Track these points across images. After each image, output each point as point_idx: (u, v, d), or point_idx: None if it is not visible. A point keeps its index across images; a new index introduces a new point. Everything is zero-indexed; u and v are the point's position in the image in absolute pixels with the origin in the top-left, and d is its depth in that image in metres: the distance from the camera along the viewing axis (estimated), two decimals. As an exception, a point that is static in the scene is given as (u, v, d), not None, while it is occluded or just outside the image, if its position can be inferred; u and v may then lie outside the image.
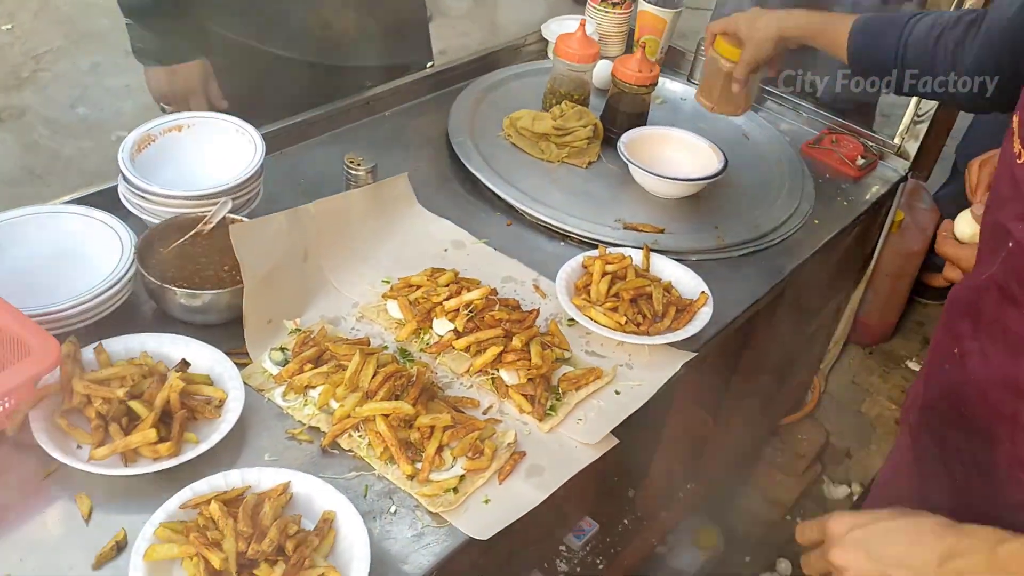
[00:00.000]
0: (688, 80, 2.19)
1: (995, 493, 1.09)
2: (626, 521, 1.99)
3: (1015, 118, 1.04)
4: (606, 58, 2.07)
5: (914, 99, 1.96)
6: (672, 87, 2.14)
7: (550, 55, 2.11)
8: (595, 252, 1.54)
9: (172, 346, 1.28)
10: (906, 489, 1.29)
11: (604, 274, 1.48)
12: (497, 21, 4.24)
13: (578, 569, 1.88)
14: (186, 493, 1.08)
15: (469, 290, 1.41)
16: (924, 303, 2.90)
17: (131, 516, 1.09)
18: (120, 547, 1.06)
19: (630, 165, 1.75)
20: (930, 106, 1.93)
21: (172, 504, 1.07)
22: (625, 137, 1.80)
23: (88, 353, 1.23)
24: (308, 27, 1.94)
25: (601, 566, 1.90)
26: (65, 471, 1.13)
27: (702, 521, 2.43)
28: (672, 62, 2.26)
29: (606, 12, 2.19)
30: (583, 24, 1.90)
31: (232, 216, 1.42)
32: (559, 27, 2.12)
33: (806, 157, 1.99)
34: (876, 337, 2.41)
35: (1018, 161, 1.01)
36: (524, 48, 2.26)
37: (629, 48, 2.26)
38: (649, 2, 2.12)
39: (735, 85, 1.73)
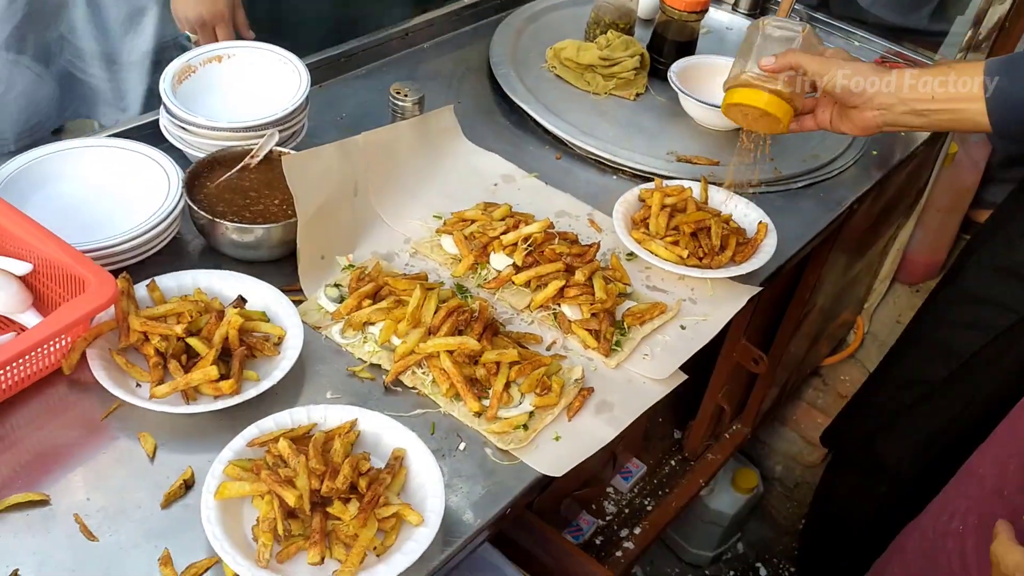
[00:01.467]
0: (733, 9, 2.11)
1: None
2: (673, 462, 1.97)
3: None
4: (651, -16, 1.99)
5: (968, 22, 1.89)
6: (718, 16, 2.07)
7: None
8: (651, 185, 1.49)
9: (225, 283, 1.23)
10: None
11: (663, 207, 1.43)
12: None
13: (626, 510, 1.86)
14: (252, 431, 1.05)
15: (526, 223, 1.37)
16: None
17: (195, 455, 1.06)
18: (188, 485, 1.03)
19: (682, 95, 1.69)
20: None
21: (239, 442, 1.03)
22: (676, 66, 1.74)
23: (140, 291, 1.19)
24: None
25: (649, 507, 1.87)
26: (125, 410, 1.09)
27: (741, 462, 2.41)
28: (717, -10, 2.18)
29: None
30: (629, -51, 1.82)
31: (279, 149, 1.37)
32: (601, -46, 2.04)
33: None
34: (923, 275, 2.35)
35: None
36: (565, -25, 2.17)
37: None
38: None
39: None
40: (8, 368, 1.05)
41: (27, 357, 1.07)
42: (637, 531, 1.83)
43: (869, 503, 1.91)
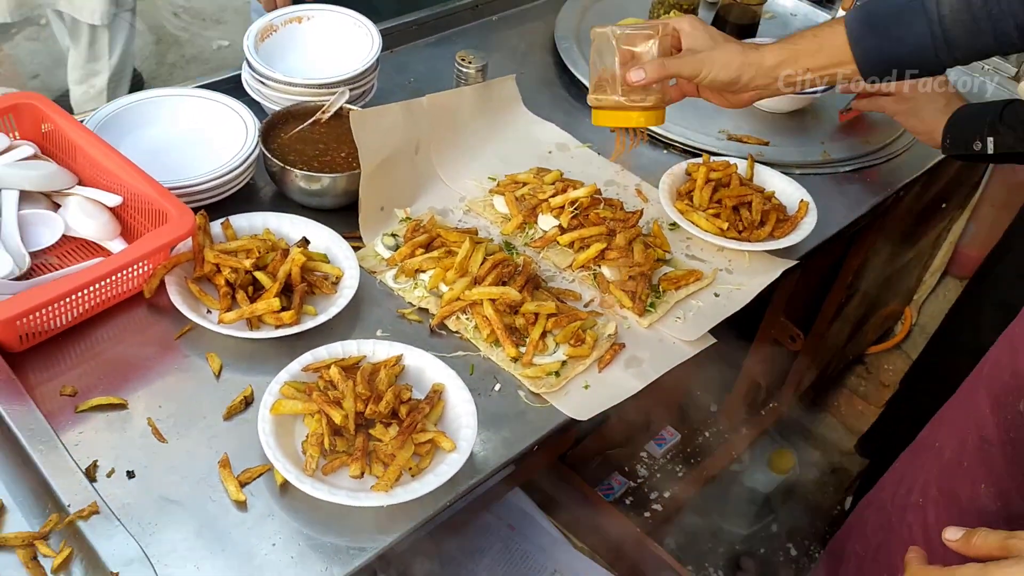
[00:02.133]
0: (799, -5, 2.14)
1: None
2: (707, 434, 2.03)
3: None
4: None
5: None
6: (783, 1, 2.10)
7: (660, -36, 2.08)
8: (699, 160, 1.55)
9: (292, 225, 1.34)
10: (996, 477, 1.18)
11: (708, 181, 1.50)
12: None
13: (657, 475, 1.93)
14: (307, 357, 1.15)
15: (574, 189, 1.44)
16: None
17: (256, 376, 1.17)
18: (248, 402, 1.14)
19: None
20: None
21: (295, 366, 1.14)
22: None
23: (215, 228, 1.30)
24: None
25: (680, 474, 1.94)
26: (196, 332, 1.21)
27: (779, 443, 2.46)
28: (784, -23, 2.21)
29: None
30: (697, -69, 1.87)
31: (348, 106, 1.47)
32: (671, -64, 2.09)
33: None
34: (975, 269, 2.35)
35: None
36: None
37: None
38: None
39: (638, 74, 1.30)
40: (96, 287, 1.17)
41: (113, 278, 1.19)
42: (667, 495, 1.90)
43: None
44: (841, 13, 2.01)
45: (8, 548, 0.96)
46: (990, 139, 1.35)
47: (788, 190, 1.53)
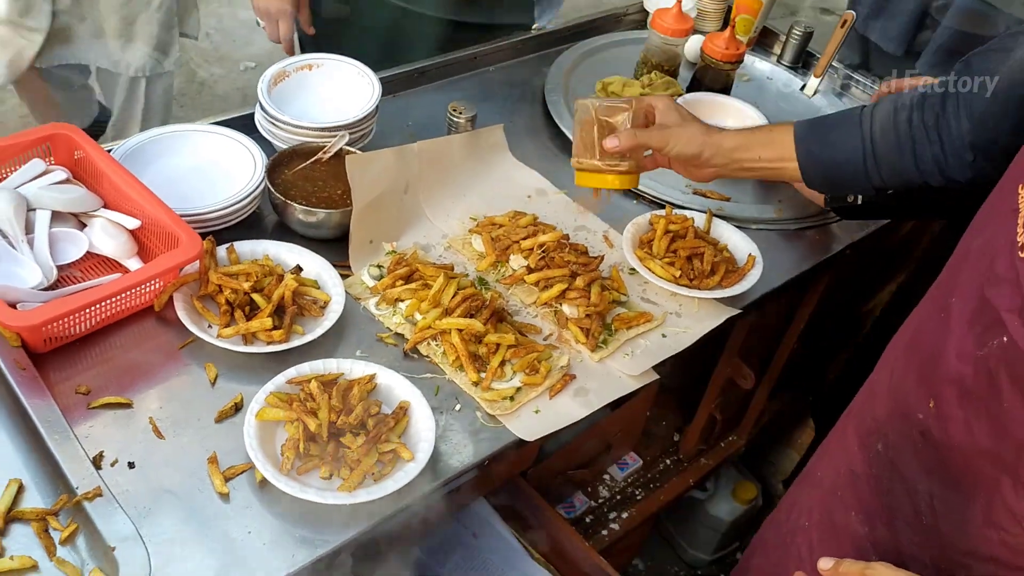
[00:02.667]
0: (778, 61, 2.31)
1: (964, 541, 1.11)
2: (668, 462, 2.18)
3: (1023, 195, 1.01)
4: (700, 32, 2.21)
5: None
6: (761, 66, 2.27)
7: (647, 27, 2.25)
8: (662, 212, 1.71)
9: (288, 253, 1.51)
10: (864, 506, 1.29)
11: (667, 232, 1.66)
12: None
13: (617, 496, 2.08)
14: (291, 372, 1.32)
15: (544, 233, 1.61)
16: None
17: (246, 385, 1.34)
18: (237, 408, 1.31)
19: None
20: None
21: (281, 379, 1.31)
22: (682, 100, 1.95)
23: (221, 252, 1.48)
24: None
25: (639, 497, 2.09)
26: (197, 344, 1.38)
27: (743, 475, 2.60)
28: (765, 42, 2.38)
29: (706, -11, 2.32)
30: (679, 1, 2.04)
31: (348, 148, 1.64)
32: (659, 1, 2.27)
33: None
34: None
35: (1020, 254, 0.99)
36: (625, 18, 2.41)
37: (726, 24, 2.38)
38: (747, -18, 2.24)
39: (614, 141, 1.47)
40: (113, 300, 1.35)
41: (128, 293, 1.36)
42: (624, 515, 2.05)
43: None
44: (813, 79, 2.18)
45: (25, 520, 1.13)
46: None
47: (740, 244, 1.69)
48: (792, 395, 2.42)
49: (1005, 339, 1.00)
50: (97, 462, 1.20)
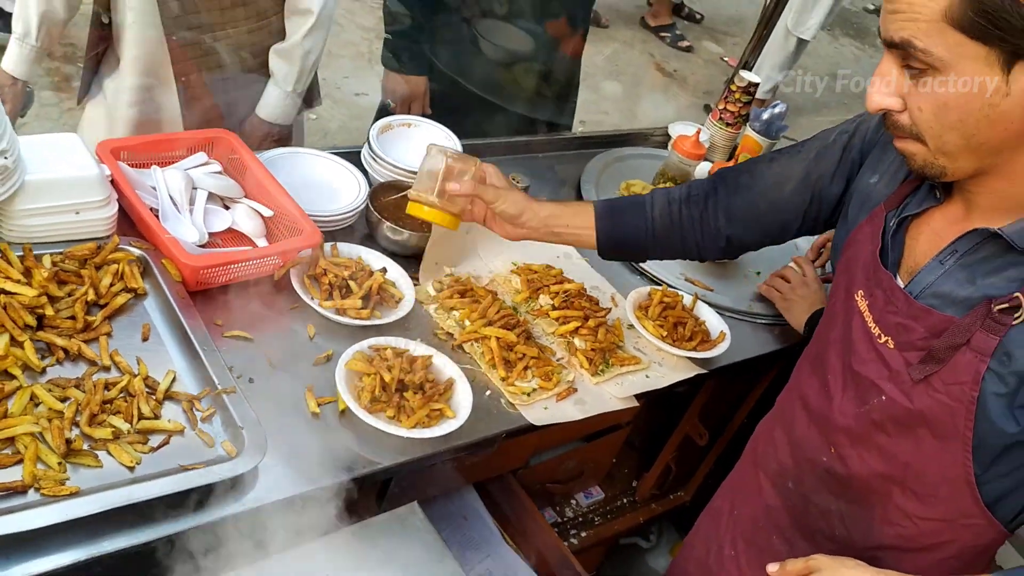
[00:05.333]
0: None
1: (871, 540, 1.51)
2: (625, 500, 2.60)
3: (863, 302, 1.42)
4: (709, 160, 2.73)
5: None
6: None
7: (668, 147, 2.78)
8: (659, 287, 2.19)
9: (377, 259, 1.97)
10: (782, 530, 1.68)
11: (661, 302, 2.13)
12: (635, 111, 4.97)
13: (580, 519, 2.49)
14: (373, 340, 1.76)
15: (569, 283, 2.08)
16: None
17: (336, 345, 1.76)
18: (329, 359, 1.74)
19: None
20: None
21: (364, 344, 1.74)
22: None
23: (326, 247, 1.93)
24: (502, 79, 2.67)
25: (597, 523, 2.51)
26: (303, 309, 1.82)
27: (681, 536, 3.01)
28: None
29: (720, 128, 2.86)
30: (699, 132, 2.58)
31: (430, 191, 2.12)
32: (681, 128, 2.81)
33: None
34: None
35: (879, 341, 1.38)
36: (651, 136, 2.95)
37: (731, 157, 2.92)
38: (754, 129, 2.79)
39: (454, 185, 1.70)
40: (249, 262, 1.79)
41: (260, 260, 1.81)
42: (583, 535, 2.46)
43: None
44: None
45: (176, 400, 1.54)
46: None
47: (716, 323, 2.17)
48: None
49: (884, 398, 1.41)
50: (229, 371, 1.62)
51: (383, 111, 2.59)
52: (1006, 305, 1.26)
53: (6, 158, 1.56)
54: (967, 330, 1.29)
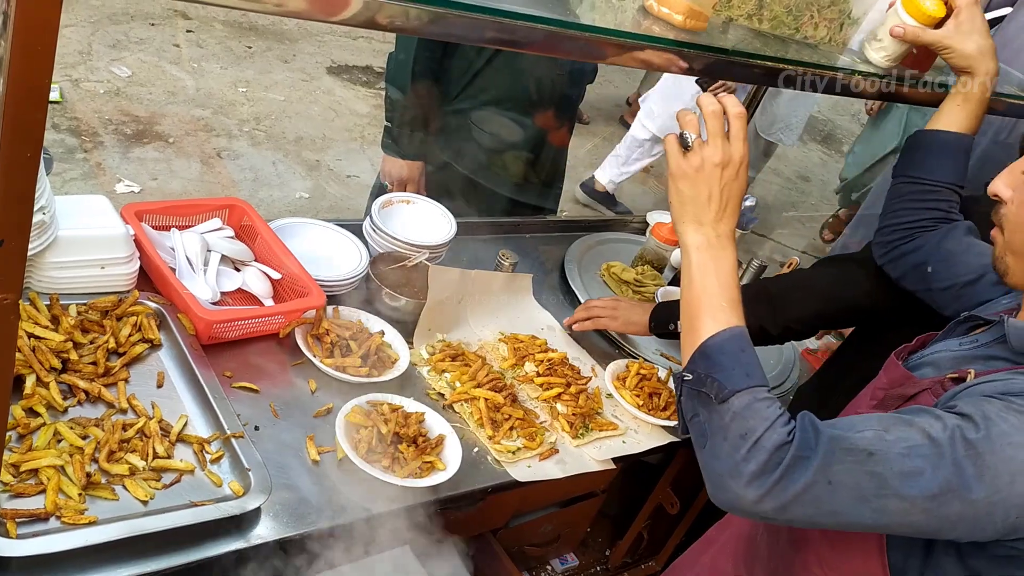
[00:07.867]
0: (737, 280, 3.02)
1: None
2: (598, 568, 2.69)
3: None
4: (685, 247, 2.92)
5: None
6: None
7: (647, 233, 2.97)
8: (637, 360, 2.34)
9: (375, 323, 2.11)
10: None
11: (638, 374, 2.28)
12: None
13: (554, 585, 2.58)
14: (371, 396, 1.89)
15: (552, 352, 2.23)
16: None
17: (336, 399, 1.89)
18: (329, 411, 1.86)
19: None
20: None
21: (363, 399, 1.87)
22: (659, 292, 2.63)
23: (329, 310, 2.07)
24: (493, 165, 2.87)
25: (570, 590, 2.59)
26: (306, 365, 1.94)
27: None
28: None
29: (695, 217, 3.06)
30: (675, 219, 2.76)
31: (426, 263, 2.28)
32: (659, 216, 3.00)
33: (804, 360, 2.78)
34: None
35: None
36: (631, 223, 3.15)
37: (704, 246, 3.10)
38: (726, 220, 2.98)
39: None
40: (256, 320, 1.92)
41: (267, 318, 1.94)
42: (557, 601, 2.55)
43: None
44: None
45: (187, 443, 1.65)
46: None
47: (688, 395, 2.31)
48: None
49: None
50: (237, 418, 1.74)
51: (380, 191, 2.77)
52: (956, 376, 1.42)
53: (44, 214, 1.71)
54: (917, 385, 1.44)
